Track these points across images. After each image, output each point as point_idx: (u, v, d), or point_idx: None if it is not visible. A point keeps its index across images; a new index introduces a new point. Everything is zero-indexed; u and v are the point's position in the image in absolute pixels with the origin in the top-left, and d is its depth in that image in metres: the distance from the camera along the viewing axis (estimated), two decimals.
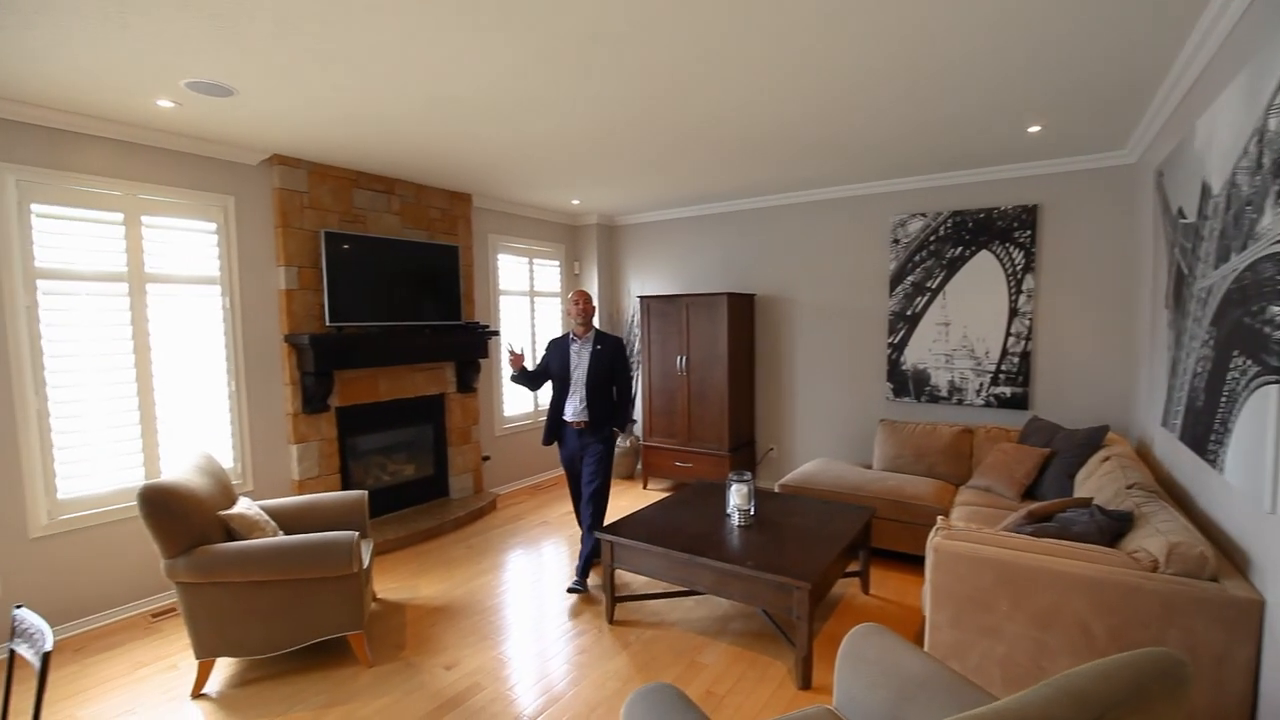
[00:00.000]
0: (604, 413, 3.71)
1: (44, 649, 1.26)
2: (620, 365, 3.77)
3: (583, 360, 3.69)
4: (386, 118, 3.27)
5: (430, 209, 4.92)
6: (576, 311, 3.73)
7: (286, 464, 4.11)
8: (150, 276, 3.48)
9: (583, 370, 3.67)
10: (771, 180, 4.88)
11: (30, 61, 2.50)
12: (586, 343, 3.73)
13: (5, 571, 3.01)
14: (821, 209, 5.29)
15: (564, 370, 3.71)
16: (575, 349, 3.74)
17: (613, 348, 3.75)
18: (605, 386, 3.72)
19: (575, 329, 3.77)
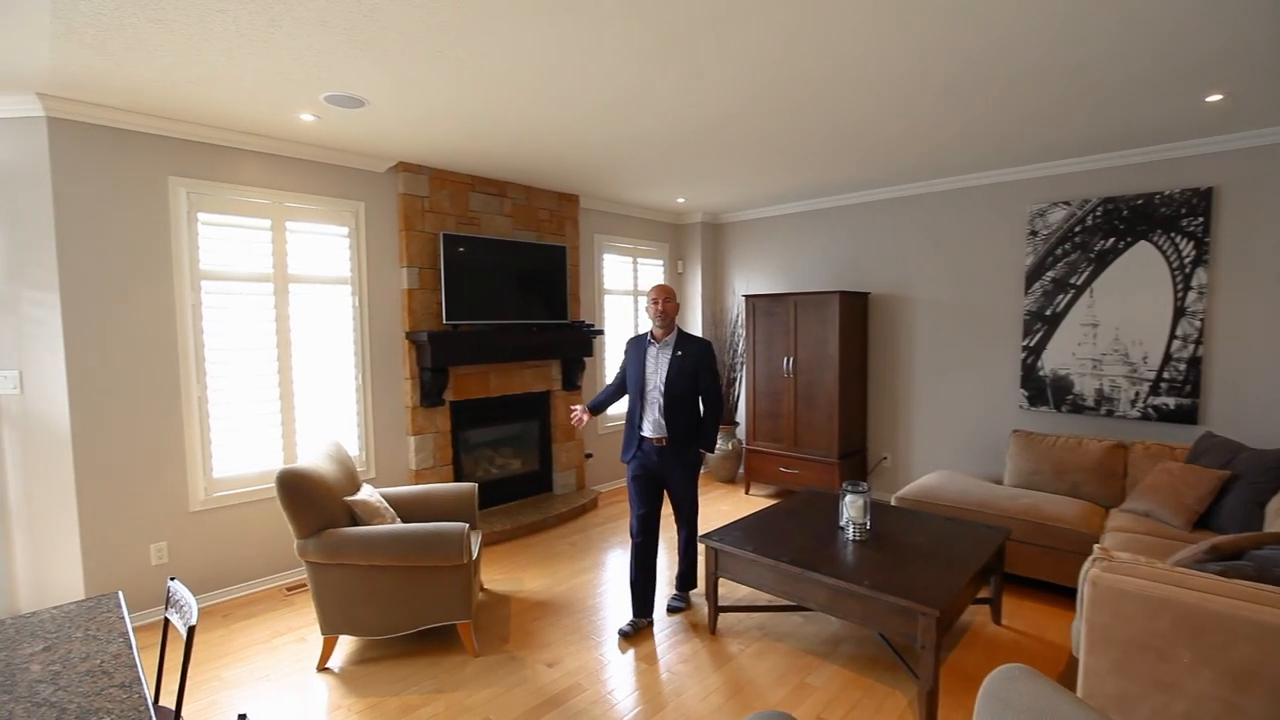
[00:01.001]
0: (687, 429, 3.16)
1: (190, 622, 1.35)
2: (707, 374, 3.18)
3: (660, 366, 3.15)
4: (504, 122, 3.35)
5: (539, 210, 5.03)
6: (655, 311, 3.18)
7: (405, 454, 4.34)
8: (292, 277, 3.78)
9: (660, 378, 3.14)
10: (890, 171, 4.56)
11: (197, 85, 2.78)
12: (665, 346, 3.17)
13: (170, 540, 3.38)
14: (945, 200, 4.88)
15: (639, 377, 3.20)
16: (653, 353, 3.20)
17: (698, 353, 3.16)
18: (688, 398, 3.15)
19: (654, 330, 3.24)
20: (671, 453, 3.14)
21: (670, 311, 3.17)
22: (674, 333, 3.20)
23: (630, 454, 3.22)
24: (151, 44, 2.39)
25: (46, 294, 3.03)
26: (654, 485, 3.19)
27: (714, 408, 3.22)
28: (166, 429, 3.35)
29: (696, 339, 3.22)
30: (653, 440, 3.16)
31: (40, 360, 3.06)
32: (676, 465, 3.17)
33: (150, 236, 3.28)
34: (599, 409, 3.36)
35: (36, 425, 3.09)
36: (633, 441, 3.22)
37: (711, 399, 3.21)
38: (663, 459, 3.15)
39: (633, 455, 3.21)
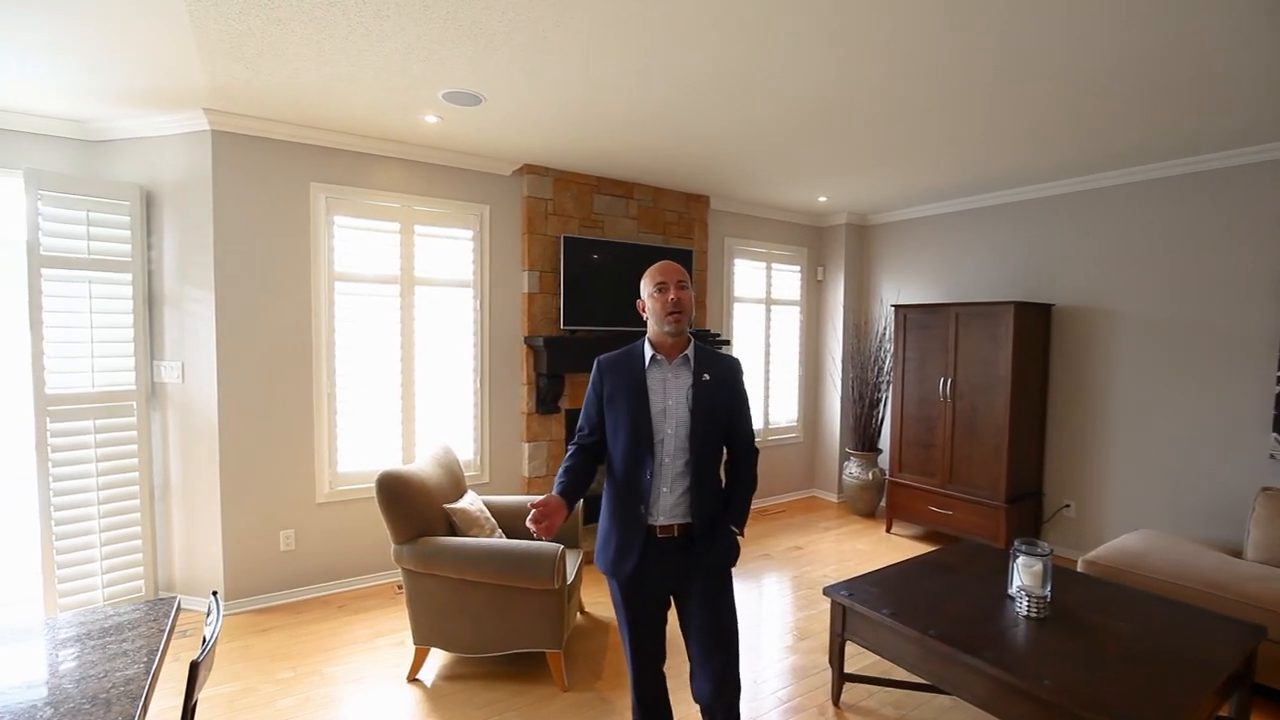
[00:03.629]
0: (717, 502, 1.89)
1: (195, 658, 1.20)
2: (743, 412, 1.95)
3: (677, 400, 1.84)
4: (625, 114, 3.12)
5: (666, 212, 4.78)
6: (662, 303, 1.83)
7: (519, 461, 4.27)
8: (418, 280, 3.84)
9: (678, 417, 1.83)
10: (1082, 157, 3.72)
11: (325, 90, 2.84)
12: (680, 367, 1.87)
13: (297, 528, 3.53)
14: (1161, 190, 3.91)
15: (639, 421, 1.83)
16: (657, 377, 1.86)
17: (731, 375, 1.92)
18: (718, 449, 1.91)
19: (659, 335, 1.87)
20: (696, 548, 1.84)
21: (688, 305, 1.83)
22: (692, 345, 1.90)
23: (622, 560, 1.84)
24: (278, 47, 2.44)
25: (204, 292, 3.29)
26: (661, 603, 1.93)
27: (748, 464, 1.95)
28: (299, 422, 3.51)
29: (724, 356, 1.95)
30: (658, 531, 1.83)
31: (197, 353, 3.33)
32: (707, 568, 1.85)
33: (292, 239, 3.46)
34: (575, 495, 1.86)
35: (192, 412, 3.36)
36: (628, 537, 1.83)
37: (746, 450, 1.96)
38: (682, 561, 1.84)
39: (629, 562, 1.82)
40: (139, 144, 3.34)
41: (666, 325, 1.82)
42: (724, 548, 1.87)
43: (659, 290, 1.84)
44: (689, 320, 1.86)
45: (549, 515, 1.70)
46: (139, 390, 3.33)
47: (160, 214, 3.34)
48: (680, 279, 1.84)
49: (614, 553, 1.85)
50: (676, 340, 1.86)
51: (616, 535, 1.86)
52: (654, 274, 1.87)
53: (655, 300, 1.85)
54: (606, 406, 1.90)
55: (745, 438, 1.96)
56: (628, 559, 1.83)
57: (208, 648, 1.25)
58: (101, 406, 3.20)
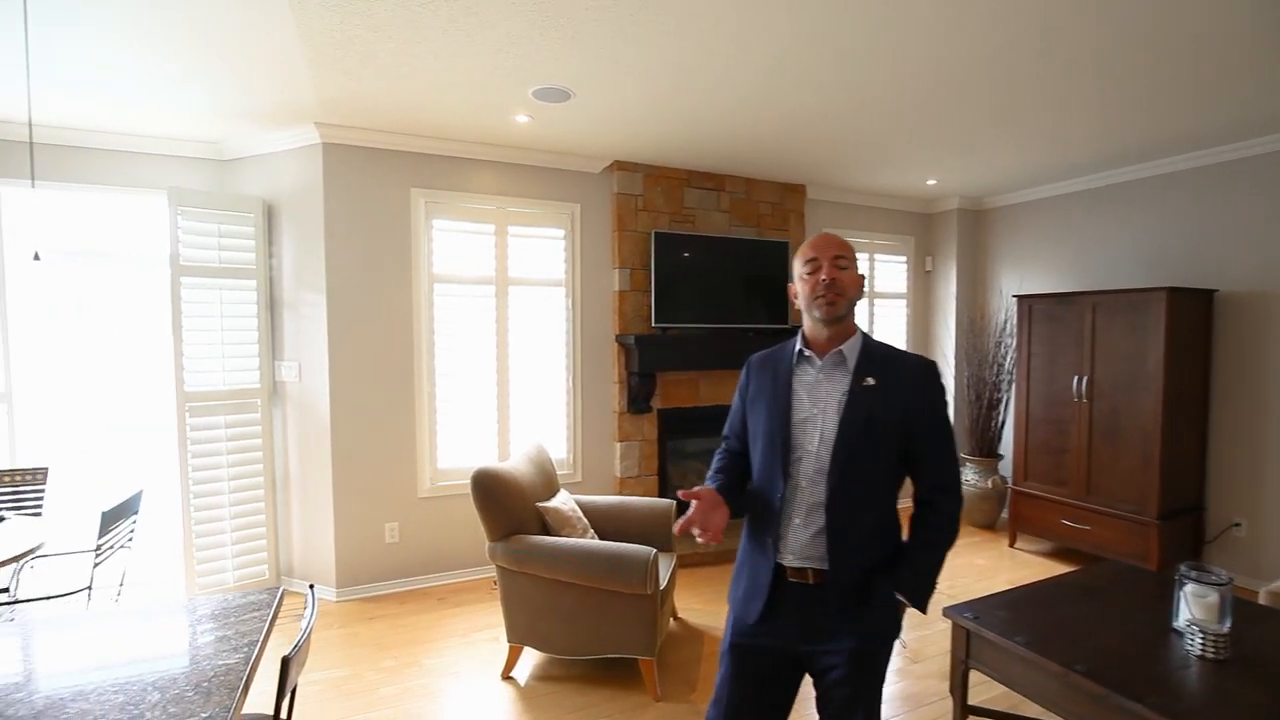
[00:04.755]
0: (876, 552, 1.46)
1: (285, 654, 1.20)
2: (932, 431, 1.46)
3: (825, 408, 1.45)
4: (718, 102, 2.99)
5: (760, 204, 4.58)
6: (814, 285, 1.45)
7: (611, 461, 4.23)
8: (512, 280, 3.89)
9: (822, 430, 1.43)
10: (1256, 113, 3.17)
11: (422, 95, 2.91)
12: (835, 367, 1.47)
13: (400, 521, 3.66)
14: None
15: (776, 431, 1.48)
16: (806, 381, 1.49)
17: (913, 384, 1.46)
18: (882, 482, 1.46)
19: (811, 326, 1.50)
20: (839, 606, 1.41)
21: (847, 287, 1.44)
22: (855, 338, 1.48)
23: (749, 600, 1.49)
24: (377, 54, 2.51)
25: (317, 296, 3.48)
26: (782, 679, 1.50)
27: (941, 511, 1.47)
28: (402, 419, 3.65)
29: (907, 356, 1.51)
30: (790, 574, 1.44)
31: (312, 353, 3.53)
32: (848, 636, 1.41)
33: (395, 243, 3.59)
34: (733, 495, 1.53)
35: (308, 409, 3.57)
36: (755, 573, 1.49)
37: (941, 489, 1.47)
38: (816, 619, 1.43)
39: (755, 605, 1.47)
40: (261, 160, 3.59)
41: (816, 311, 1.44)
42: (877, 617, 1.41)
43: (809, 269, 1.46)
44: (849, 306, 1.46)
45: (707, 513, 1.40)
46: (262, 388, 3.58)
47: (280, 224, 3.58)
48: (838, 254, 1.45)
49: (743, 589, 1.52)
50: (832, 332, 1.46)
51: (748, 569, 1.53)
52: (805, 249, 1.49)
53: (805, 282, 1.47)
54: (749, 411, 1.59)
55: (938, 472, 1.46)
56: (754, 600, 1.47)
57: (299, 643, 1.26)
58: (231, 403, 3.47)
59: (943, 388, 1.49)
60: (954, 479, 1.47)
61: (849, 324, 1.49)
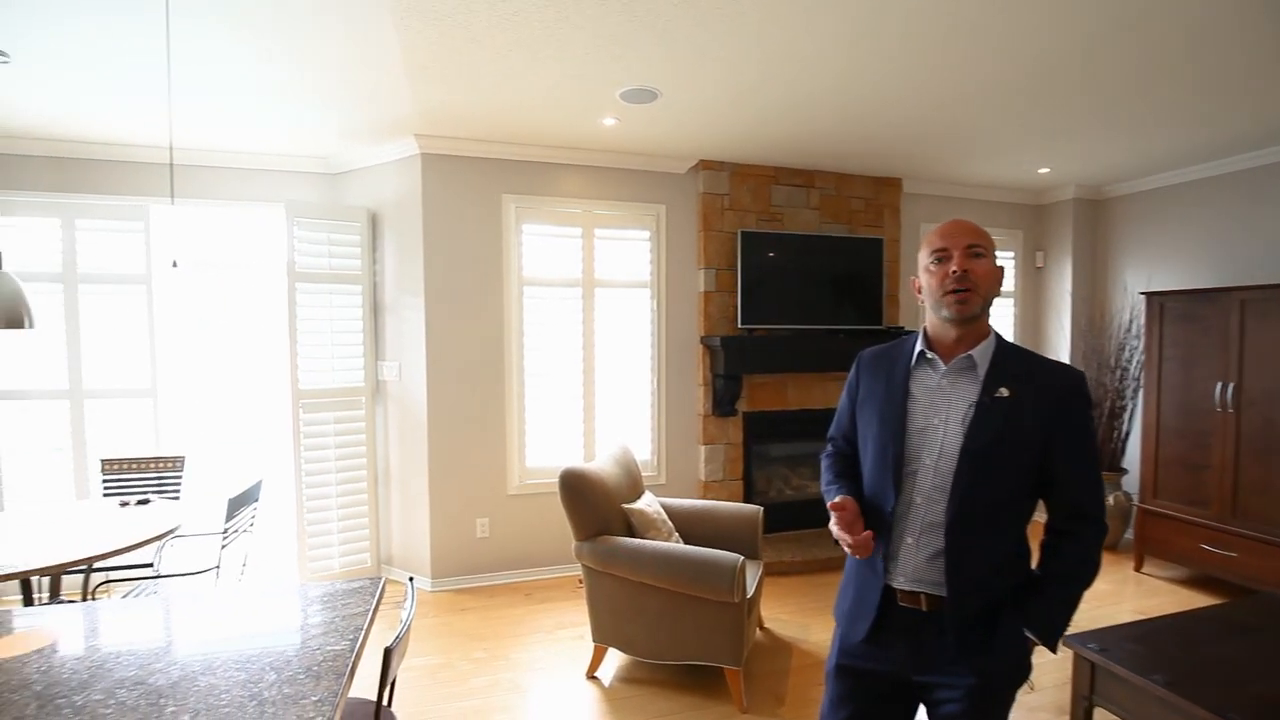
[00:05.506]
0: (999, 582, 1.29)
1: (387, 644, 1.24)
2: (1071, 448, 1.26)
3: (947, 414, 1.29)
4: (808, 94, 2.89)
5: (851, 200, 4.39)
6: (944, 278, 1.27)
7: (695, 464, 4.19)
8: (598, 281, 3.94)
9: (942, 444, 1.28)
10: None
11: (513, 103, 2.99)
12: (961, 371, 1.30)
13: (491, 517, 3.78)
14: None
15: (890, 440, 1.33)
16: (926, 386, 1.34)
17: (1058, 397, 1.26)
18: (1010, 504, 1.28)
19: (936, 324, 1.34)
20: (957, 637, 1.26)
21: (982, 280, 1.27)
22: (989, 341, 1.31)
23: (855, 619, 1.38)
24: (473, 65, 2.60)
25: (416, 299, 3.65)
26: (894, 708, 1.39)
27: (1081, 541, 1.28)
28: (493, 418, 3.76)
29: (1052, 366, 1.32)
30: (901, 598, 1.31)
31: (411, 354, 3.70)
32: (968, 671, 1.26)
33: (487, 248, 3.71)
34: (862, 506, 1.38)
35: (407, 407, 3.75)
36: (863, 592, 1.37)
37: (1080, 517, 1.28)
38: (930, 649, 1.29)
39: (861, 624, 1.35)
40: (366, 173, 3.82)
41: (945, 308, 1.27)
42: (1002, 654, 1.25)
43: (937, 259, 1.28)
44: (983, 304, 1.27)
45: (854, 523, 1.29)
46: (367, 387, 3.80)
47: (383, 232, 3.79)
48: (972, 242, 1.26)
49: (848, 605, 1.41)
50: (962, 333, 1.28)
51: (854, 584, 1.41)
52: (932, 237, 1.30)
53: (931, 274, 1.29)
54: (858, 412, 1.45)
55: (1080, 498, 1.27)
56: (860, 619, 1.35)
57: (400, 634, 1.30)
58: (338, 400, 3.70)
59: (1089, 401, 1.31)
60: (1097, 506, 1.27)
61: (982, 324, 1.30)
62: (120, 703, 1.14)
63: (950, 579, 1.25)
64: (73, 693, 1.17)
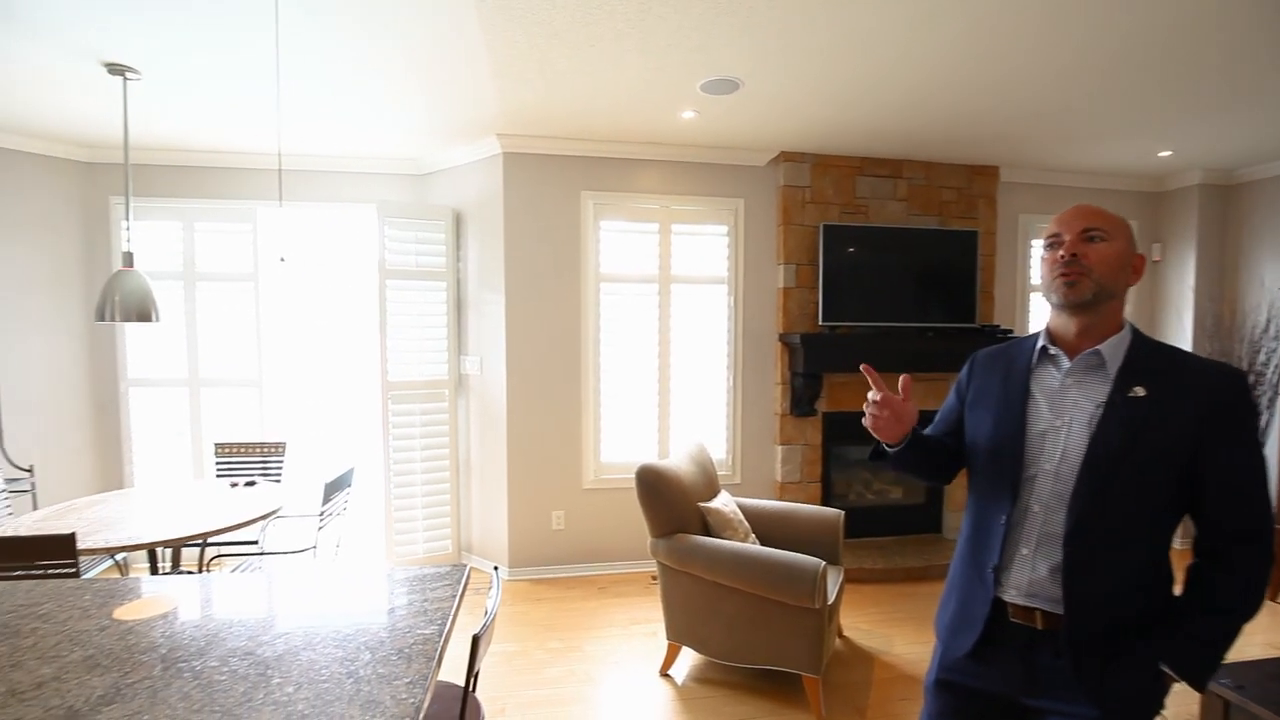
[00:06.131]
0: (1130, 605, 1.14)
1: (474, 631, 1.25)
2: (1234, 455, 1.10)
3: (1072, 414, 1.17)
4: (899, 77, 2.75)
5: (942, 190, 4.16)
6: (1054, 262, 1.18)
7: (771, 464, 4.09)
8: (674, 277, 3.91)
9: (1066, 447, 1.16)
10: None
11: (594, 101, 3.00)
12: (1089, 369, 1.17)
13: (566, 510, 3.83)
14: None
15: (1008, 443, 1.22)
16: (1047, 386, 1.22)
17: (1208, 398, 1.09)
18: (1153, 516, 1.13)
19: (1057, 321, 1.23)
20: (1078, 662, 1.13)
21: (1098, 264, 1.14)
22: (1122, 335, 1.17)
23: (957, 632, 1.27)
24: (555, 63, 2.62)
25: (496, 295, 3.75)
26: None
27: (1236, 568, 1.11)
28: (569, 412, 3.81)
29: (1201, 363, 1.14)
30: (1014, 614, 1.19)
31: (491, 348, 3.80)
32: (1088, 702, 1.12)
33: (565, 245, 3.76)
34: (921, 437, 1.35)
35: (487, 400, 3.85)
36: (968, 604, 1.27)
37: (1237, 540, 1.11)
38: (1044, 671, 1.17)
39: (965, 638, 1.25)
40: (450, 173, 3.95)
41: (1054, 294, 1.18)
42: (1132, 687, 1.12)
43: (1050, 245, 1.21)
44: (1097, 289, 1.14)
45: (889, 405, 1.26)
46: (450, 380, 3.93)
47: (466, 230, 3.91)
48: (1090, 225, 1.15)
49: (951, 616, 1.31)
50: (1083, 324, 1.16)
51: (958, 593, 1.30)
52: (1051, 224, 1.22)
53: (1045, 261, 1.22)
54: (968, 414, 1.36)
55: (1238, 516, 1.11)
56: (964, 633, 1.25)
57: (487, 622, 1.32)
58: (424, 392, 3.85)
59: (1253, 406, 1.14)
60: (1261, 526, 1.10)
61: (1111, 316, 1.17)
62: (232, 671, 1.21)
63: (1069, 596, 1.14)
64: (192, 658, 1.25)
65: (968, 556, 1.30)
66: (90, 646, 1.30)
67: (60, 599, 1.53)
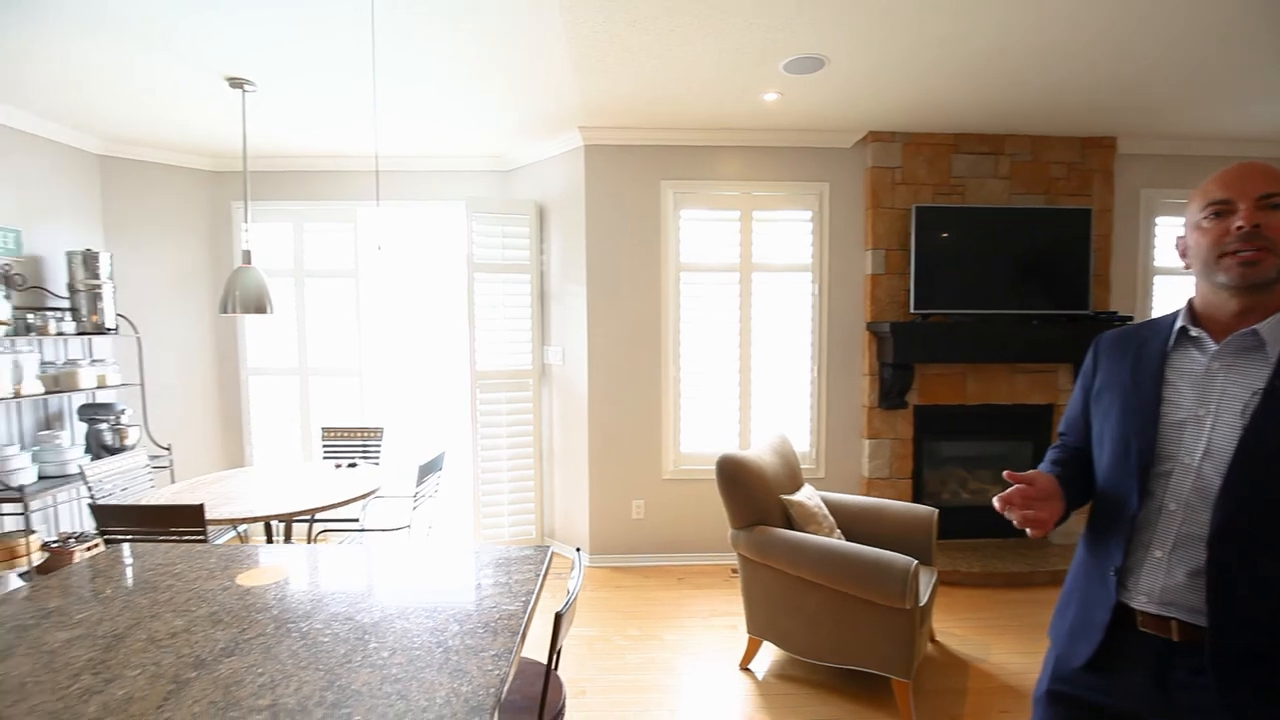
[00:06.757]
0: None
1: (558, 609, 1.27)
2: None
3: (1219, 404, 1.03)
4: (1003, 39, 2.56)
5: (1051, 166, 3.83)
6: (1223, 235, 1.02)
7: (857, 459, 3.93)
8: (755, 266, 3.83)
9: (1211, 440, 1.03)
10: None
11: (673, 86, 2.98)
12: (1245, 352, 1.03)
13: (646, 499, 3.85)
14: None
15: (1127, 429, 1.12)
16: (1189, 365, 1.09)
17: None
18: None
19: (1209, 294, 1.08)
20: (1222, 679, 1.00)
21: None
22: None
23: (1076, 639, 1.17)
24: (634, 50, 2.62)
25: (578, 287, 3.81)
26: None
27: None
28: (649, 403, 3.82)
29: None
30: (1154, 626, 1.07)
31: (573, 339, 3.87)
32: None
33: (645, 235, 3.76)
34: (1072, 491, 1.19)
35: (569, 390, 3.93)
36: (1088, 608, 1.16)
37: None
38: (1179, 688, 1.04)
39: (1082, 646, 1.14)
40: (534, 167, 4.04)
41: (1222, 273, 1.03)
42: None
43: (1215, 213, 1.04)
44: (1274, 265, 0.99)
45: (1035, 500, 1.10)
46: (534, 370, 4.04)
47: (549, 223, 3.99)
48: (1269, 190, 1.00)
49: (1069, 623, 1.19)
50: (1245, 304, 1.03)
51: (1078, 597, 1.19)
52: (1210, 187, 1.06)
53: (1204, 232, 1.05)
54: (1093, 404, 1.23)
55: None
56: (1082, 640, 1.14)
57: (570, 600, 1.34)
58: (510, 382, 3.98)
59: None
60: None
61: (1278, 294, 1.02)
62: (334, 634, 1.29)
63: (1214, 605, 1.01)
64: (299, 620, 1.35)
65: (1087, 557, 1.20)
66: (214, 604, 1.42)
67: (191, 560, 1.69)
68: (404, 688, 1.09)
